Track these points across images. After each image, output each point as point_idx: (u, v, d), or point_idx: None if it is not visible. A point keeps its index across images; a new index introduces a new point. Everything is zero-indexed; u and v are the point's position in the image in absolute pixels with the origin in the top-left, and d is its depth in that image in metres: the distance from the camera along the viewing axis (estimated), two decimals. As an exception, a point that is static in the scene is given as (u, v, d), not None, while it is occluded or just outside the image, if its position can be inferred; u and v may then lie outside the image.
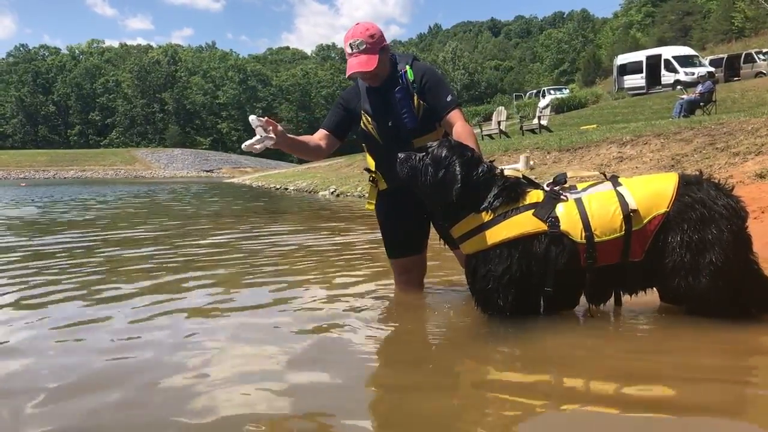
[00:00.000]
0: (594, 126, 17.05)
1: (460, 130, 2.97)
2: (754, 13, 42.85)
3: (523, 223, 2.59)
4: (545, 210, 2.60)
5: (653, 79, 32.25)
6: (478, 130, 21.60)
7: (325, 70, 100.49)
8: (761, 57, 30.92)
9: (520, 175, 2.81)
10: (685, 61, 31.11)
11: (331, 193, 15.87)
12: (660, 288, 2.75)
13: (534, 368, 2.31)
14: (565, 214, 2.59)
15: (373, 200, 3.44)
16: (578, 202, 2.62)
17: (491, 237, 2.61)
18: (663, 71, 31.72)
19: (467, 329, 2.87)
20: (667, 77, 31.25)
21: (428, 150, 2.79)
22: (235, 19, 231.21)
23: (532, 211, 2.61)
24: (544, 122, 20.29)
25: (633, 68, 33.82)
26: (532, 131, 20.23)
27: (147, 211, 12.25)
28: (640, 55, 34.59)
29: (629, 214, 2.53)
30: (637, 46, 48.25)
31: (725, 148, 7.19)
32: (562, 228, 2.56)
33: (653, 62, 32.40)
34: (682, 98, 17.20)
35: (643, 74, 32.94)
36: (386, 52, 3.07)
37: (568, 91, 44.78)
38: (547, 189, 2.72)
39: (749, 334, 2.49)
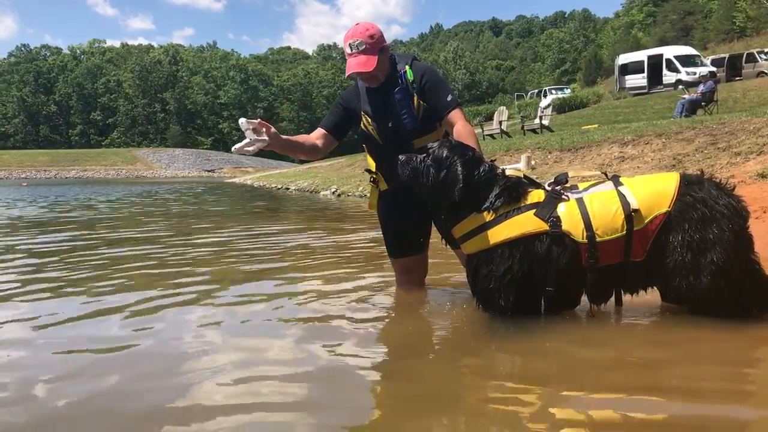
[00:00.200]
0: (595, 126, 17.04)
1: (461, 129, 2.97)
2: (756, 13, 42.76)
3: (524, 223, 2.59)
4: (547, 210, 2.60)
5: (655, 78, 32.20)
6: (480, 130, 21.60)
7: (326, 70, 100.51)
8: (763, 57, 30.86)
9: (522, 175, 2.81)
10: (687, 61, 31.07)
11: (333, 193, 15.87)
12: (661, 288, 2.74)
13: (535, 368, 2.31)
14: (567, 213, 2.59)
15: (374, 200, 3.45)
16: (580, 201, 2.62)
17: (493, 237, 2.61)
18: (665, 71, 31.67)
19: (468, 329, 2.87)
20: (668, 77, 31.20)
21: (429, 151, 2.79)
22: (236, 18, 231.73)
23: (534, 211, 2.61)
24: (545, 122, 20.27)
25: (634, 68, 33.78)
26: (534, 131, 20.22)
27: (149, 210, 12.25)
28: (641, 55, 34.54)
29: (631, 214, 2.53)
30: (638, 46, 48.17)
31: (727, 147, 7.18)
32: (563, 228, 2.56)
33: (655, 62, 32.36)
34: (684, 98, 17.18)
35: (645, 74, 32.89)
36: (386, 53, 3.07)
37: (569, 90, 44.80)
38: (549, 189, 2.72)
39: (750, 334, 2.49)
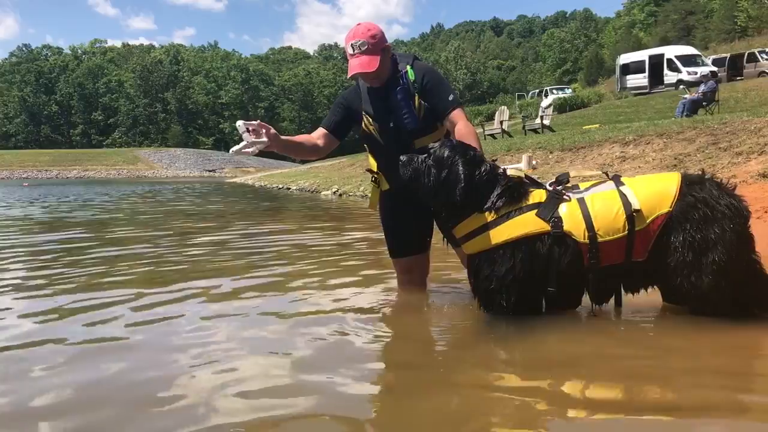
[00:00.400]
0: (596, 125, 17.01)
1: (462, 129, 2.97)
2: (757, 13, 42.73)
3: (526, 224, 2.59)
4: (548, 210, 2.61)
5: (656, 78, 32.16)
6: (481, 130, 21.58)
7: (327, 69, 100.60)
8: (764, 56, 30.81)
9: (523, 175, 2.81)
10: (688, 61, 31.02)
11: (334, 192, 15.87)
12: (663, 287, 2.75)
13: (536, 369, 2.30)
14: (568, 214, 2.59)
15: (376, 200, 3.45)
16: (581, 201, 2.62)
17: (494, 237, 2.61)
18: (666, 71, 31.63)
19: (469, 329, 2.87)
20: (669, 77, 31.16)
21: (430, 151, 2.79)
22: (237, 18, 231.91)
23: (535, 211, 2.61)
24: (546, 122, 20.26)
25: (636, 68, 33.74)
26: (535, 131, 20.20)
27: (150, 210, 12.26)
28: (642, 55, 34.49)
29: (632, 214, 2.53)
30: (639, 46, 48.14)
31: (728, 147, 7.18)
32: (565, 228, 2.56)
33: (656, 62, 32.31)
34: (685, 98, 17.14)
35: (646, 74, 32.84)
36: (388, 53, 3.07)
37: (570, 90, 44.73)
38: (550, 189, 2.72)
39: (751, 334, 2.49)
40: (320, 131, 3.26)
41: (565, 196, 2.66)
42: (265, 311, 3.27)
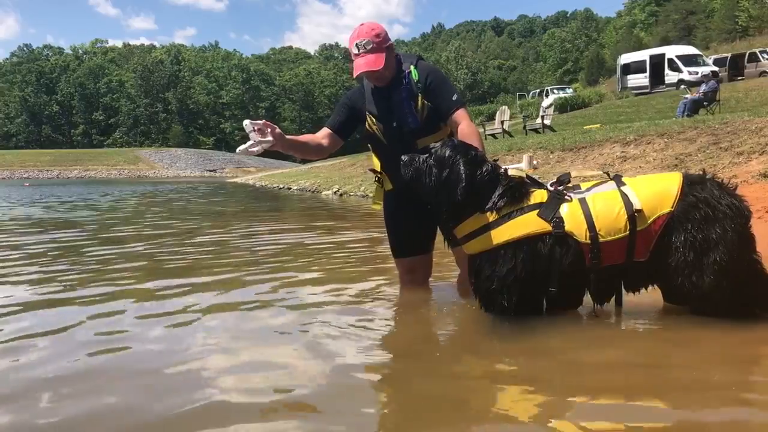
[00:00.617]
0: (597, 125, 17.02)
1: (465, 129, 2.97)
2: (758, 12, 42.70)
3: (527, 224, 2.60)
4: (549, 210, 2.61)
5: (657, 78, 32.16)
6: (482, 130, 21.58)
7: (328, 69, 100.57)
8: (765, 56, 30.80)
9: (524, 175, 2.82)
10: (689, 61, 31.02)
11: (335, 192, 15.88)
12: (664, 287, 2.75)
13: (537, 369, 2.31)
14: (570, 214, 2.59)
15: (379, 200, 3.46)
16: (582, 202, 2.62)
17: (496, 237, 2.62)
18: (667, 70, 31.63)
19: (470, 329, 2.88)
20: (670, 76, 31.16)
21: (432, 150, 2.79)
22: (237, 18, 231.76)
23: (537, 211, 2.62)
24: (547, 122, 20.28)
25: (636, 67, 33.74)
26: (536, 131, 20.21)
27: (151, 210, 12.27)
28: (643, 55, 34.49)
29: (634, 214, 2.53)
30: (640, 46, 48.12)
31: (729, 147, 7.18)
32: (566, 228, 2.57)
33: (657, 61, 32.31)
34: (686, 98, 17.13)
35: (647, 73, 32.84)
36: (392, 52, 3.07)
37: (571, 90, 44.70)
38: (551, 189, 2.73)
39: (752, 334, 2.49)
40: (325, 131, 3.27)
41: (566, 197, 2.66)
42: (266, 306, 3.29)
